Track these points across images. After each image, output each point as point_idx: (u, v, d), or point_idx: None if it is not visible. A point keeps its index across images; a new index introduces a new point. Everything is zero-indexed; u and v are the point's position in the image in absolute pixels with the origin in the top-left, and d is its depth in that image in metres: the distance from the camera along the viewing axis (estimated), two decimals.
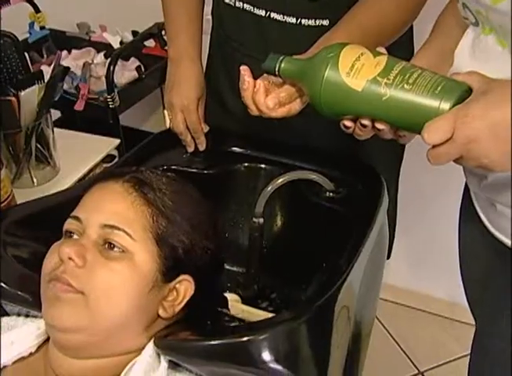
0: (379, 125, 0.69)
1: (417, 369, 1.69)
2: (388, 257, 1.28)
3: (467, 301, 0.97)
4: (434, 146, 0.61)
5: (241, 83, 0.78)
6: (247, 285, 1.02)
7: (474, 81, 0.64)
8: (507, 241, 0.78)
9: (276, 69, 0.74)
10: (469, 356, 0.97)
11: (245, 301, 0.98)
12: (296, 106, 0.79)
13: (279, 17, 0.96)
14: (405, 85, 0.65)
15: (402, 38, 0.93)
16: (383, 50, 0.71)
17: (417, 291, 1.83)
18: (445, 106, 0.64)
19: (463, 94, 0.63)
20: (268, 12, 0.96)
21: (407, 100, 0.65)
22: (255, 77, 0.78)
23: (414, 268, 1.79)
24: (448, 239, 0.95)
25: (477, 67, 0.65)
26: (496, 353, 0.85)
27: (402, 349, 1.74)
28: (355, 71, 0.67)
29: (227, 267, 1.02)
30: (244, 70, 0.77)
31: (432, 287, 1.79)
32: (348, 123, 0.71)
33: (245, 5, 0.98)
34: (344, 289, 0.74)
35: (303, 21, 0.94)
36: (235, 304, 0.97)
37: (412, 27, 1.02)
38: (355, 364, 0.89)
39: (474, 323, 0.97)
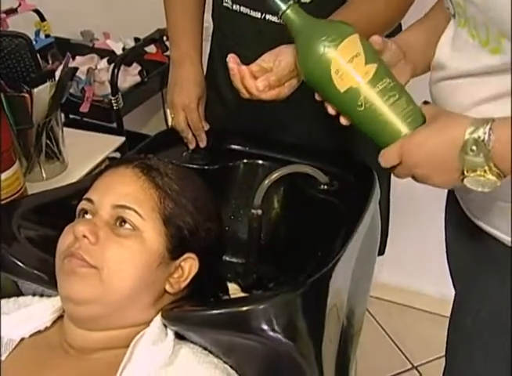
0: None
1: (411, 364, 1.73)
2: (383, 253, 1.32)
3: (453, 286, 1.01)
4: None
5: (230, 70, 0.82)
6: (246, 275, 1.06)
7: (427, 111, 0.71)
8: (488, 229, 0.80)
9: (281, 11, 0.75)
10: None
11: (244, 290, 1.02)
12: (285, 90, 0.83)
13: (274, 19, 1.01)
14: (381, 107, 0.71)
15: (391, 34, 0.98)
16: (378, 40, 0.74)
17: (409, 289, 1.87)
18: (410, 133, 0.71)
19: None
20: (264, 14, 1.02)
21: (378, 120, 0.72)
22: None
23: (406, 266, 1.83)
24: (439, 237, 0.99)
25: (456, 59, 0.71)
26: (467, 328, 0.88)
27: (396, 345, 1.78)
28: (344, 73, 0.71)
29: (227, 258, 1.06)
30: (230, 58, 0.81)
31: (423, 284, 1.84)
32: (331, 111, 0.76)
33: (241, 8, 1.04)
34: (337, 268, 0.79)
35: None
36: (235, 293, 1.01)
37: (400, 24, 1.05)
38: (347, 358, 0.93)
39: None
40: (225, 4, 1.07)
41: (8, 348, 0.75)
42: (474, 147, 0.63)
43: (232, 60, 0.82)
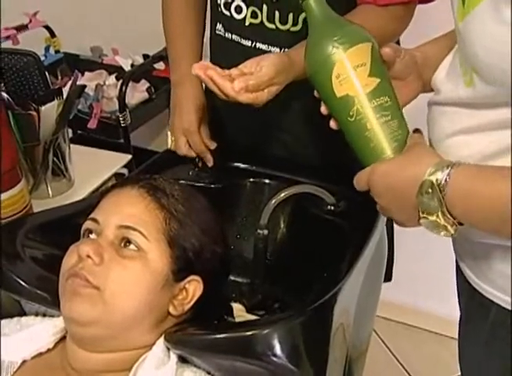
0: None
1: None
2: (390, 279, 1.30)
3: None
4: None
5: (197, 77, 0.82)
6: (251, 295, 1.05)
7: (410, 139, 0.70)
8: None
9: None
10: None
11: (249, 310, 1.01)
12: (264, 95, 0.83)
13: (264, 47, 1.01)
14: (371, 123, 0.70)
15: None
16: (388, 52, 0.73)
17: (418, 310, 1.85)
18: (391, 157, 0.70)
19: None
20: (254, 43, 1.02)
21: (364, 135, 0.71)
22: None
23: (415, 287, 1.81)
24: (447, 258, 0.98)
25: (446, 84, 0.70)
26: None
27: (402, 366, 1.76)
28: (344, 79, 0.70)
29: (232, 278, 1.05)
30: (195, 67, 0.82)
31: (431, 305, 1.82)
32: (323, 111, 0.76)
33: (233, 36, 1.04)
34: (343, 291, 0.78)
35: (286, 51, 0.96)
36: (240, 313, 1.00)
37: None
38: None
39: None
40: (217, 32, 1.07)
41: (9, 371, 0.74)
42: (430, 190, 0.61)
43: (197, 69, 0.82)
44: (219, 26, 1.07)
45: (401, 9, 0.93)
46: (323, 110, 0.75)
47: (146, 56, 1.72)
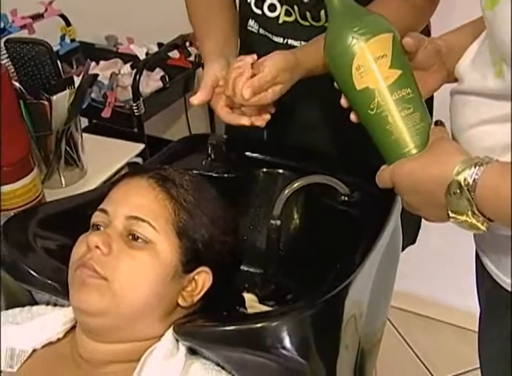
0: None
1: None
2: (414, 242, 1.30)
3: None
4: None
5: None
6: (264, 286, 1.04)
7: (433, 133, 0.68)
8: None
9: None
10: None
11: (262, 301, 1.00)
12: (267, 97, 0.83)
13: (296, 43, 1.01)
14: (392, 117, 0.68)
15: None
16: (410, 42, 0.71)
17: (435, 301, 1.83)
18: (414, 151, 0.68)
19: None
20: (286, 40, 1.02)
21: (385, 129, 0.69)
22: None
23: (433, 278, 1.79)
24: (467, 248, 0.96)
25: (472, 73, 0.68)
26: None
27: (419, 358, 1.74)
28: (365, 71, 0.68)
29: (245, 268, 1.04)
30: (193, 101, 0.86)
31: (451, 297, 1.79)
32: (343, 103, 0.74)
33: (265, 33, 1.04)
34: (355, 283, 0.77)
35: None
36: (252, 303, 0.99)
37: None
38: (365, 368, 0.91)
39: None
40: (249, 27, 1.07)
41: (20, 359, 0.75)
42: (458, 190, 0.60)
43: (196, 101, 0.87)
44: (251, 22, 1.06)
45: (421, 0, 0.91)
46: (343, 102, 0.74)
47: (160, 45, 1.72)
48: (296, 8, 0.98)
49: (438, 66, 0.76)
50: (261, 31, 1.05)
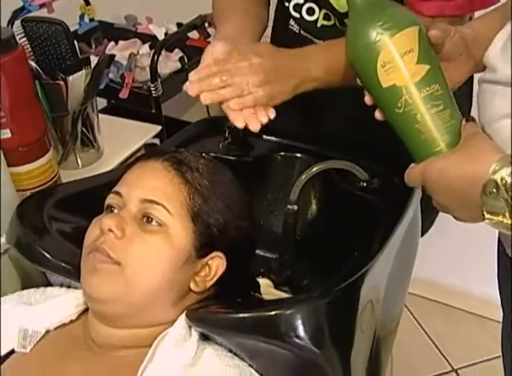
0: None
1: (451, 366, 1.67)
2: (430, 227, 1.27)
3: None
4: None
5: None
6: (280, 271, 1.04)
7: (464, 130, 0.65)
8: None
9: None
10: None
11: (277, 286, 1.00)
12: (263, 98, 0.80)
13: None
14: (421, 115, 0.65)
15: None
16: (436, 35, 0.67)
17: (454, 289, 1.81)
18: (445, 151, 0.66)
19: None
20: None
21: (414, 128, 0.66)
22: None
23: (451, 265, 1.77)
24: (486, 236, 0.94)
25: (501, 61, 0.65)
26: None
27: (436, 346, 1.73)
28: (391, 68, 0.65)
29: (261, 253, 1.04)
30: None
31: (469, 284, 1.77)
32: (368, 101, 0.71)
33: (307, 34, 1.02)
34: (372, 271, 0.76)
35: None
36: (267, 289, 0.99)
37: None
38: (381, 355, 0.90)
39: None
40: (290, 27, 1.05)
41: (32, 340, 0.75)
42: (494, 190, 0.57)
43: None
44: (292, 22, 1.04)
45: (448, 22, 0.84)
46: (367, 100, 0.71)
47: (179, 25, 1.69)
48: (333, 14, 0.97)
49: (464, 56, 0.72)
50: (302, 32, 1.04)
